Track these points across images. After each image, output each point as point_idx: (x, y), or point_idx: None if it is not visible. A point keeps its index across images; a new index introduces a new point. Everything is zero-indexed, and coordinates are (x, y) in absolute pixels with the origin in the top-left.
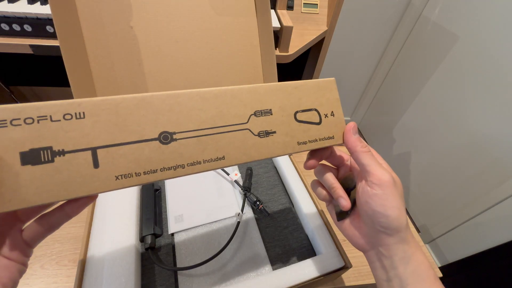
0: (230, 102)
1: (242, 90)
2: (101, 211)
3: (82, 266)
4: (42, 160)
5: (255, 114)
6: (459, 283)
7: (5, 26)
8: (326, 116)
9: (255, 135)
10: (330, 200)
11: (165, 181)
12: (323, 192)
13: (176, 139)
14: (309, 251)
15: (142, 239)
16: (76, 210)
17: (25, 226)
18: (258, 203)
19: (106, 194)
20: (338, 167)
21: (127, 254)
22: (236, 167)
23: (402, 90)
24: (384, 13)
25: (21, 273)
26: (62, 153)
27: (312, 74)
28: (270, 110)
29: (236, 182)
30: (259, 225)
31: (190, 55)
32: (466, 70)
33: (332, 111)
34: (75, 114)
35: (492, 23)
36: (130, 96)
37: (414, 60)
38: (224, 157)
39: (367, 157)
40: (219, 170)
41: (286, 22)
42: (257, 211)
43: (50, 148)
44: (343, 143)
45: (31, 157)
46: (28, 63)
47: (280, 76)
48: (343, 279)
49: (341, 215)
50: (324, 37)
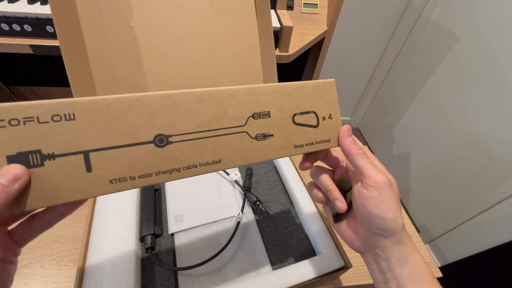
0: (228, 104)
1: (240, 91)
2: (101, 211)
3: (82, 266)
4: (31, 164)
5: (253, 116)
6: (459, 283)
7: (5, 26)
8: (323, 119)
9: (253, 138)
10: (327, 202)
11: None
12: (319, 194)
13: (171, 142)
14: (309, 251)
15: (142, 239)
16: (70, 210)
17: (15, 226)
18: (258, 203)
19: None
20: (334, 169)
21: (127, 254)
22: (236, 167)
23: (402, 90)
24: (384, 13)
25: (14, 272)
26: (52, 156)
27: (312, 74)
28: (269, 112)
29: (236, 182)
30: (259, 225)
31: (190, 55)
32: (466, 70)
33: (330, 114)
34: (65, 115)
35: (492, 23)
36: (123, 96)
37: (414, 60)
38: (220, 160)
39: (362, 159)
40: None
41: (286, 22)
42: (257, 211)
43: (39, 151)
44: (339, 146)
45: (19, 161)
46: (28, 63)
47: (280, 76)
48: (343, 279)
49: (337, 217)
50: (324, 37)
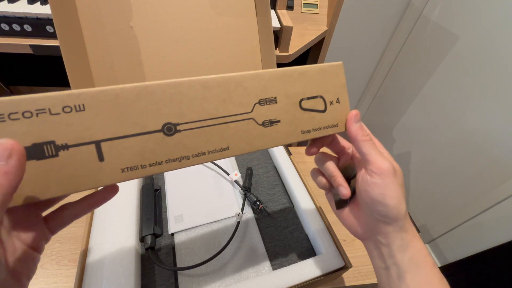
0: (233, 90)
1: (246, 77)
2: (101, 211)
3: (82, 266)
4: (47, 154)
5: (260, 102)
6: (459, 283)
7: (5, 26)
8: (331, 103)
9: (260, 125)
10: (330, 188)
11: (165, 181)
12: (323, 180)
13: (179, 130)
14: (309, 251)
15: (142, 239)
16: (99, 202)
17: (48, 213)
18: (258, 203)
19: None
20: (339, 155)
21: (127, 254)
22: (236, 167)
23: (402, 90)
24: (384, 13)
25: (38, 262)
26: (65, 147)
27: None
28: (275, 98)
29: (236, 182)
30: (259, 225)
31: (190, 55)
32: (466, 70)
33: (337, 98)
34: (75, 106)
35: (492, 23)
36: (130, 86)
37: (414, 60)
38: (228, 147)
39: (368, 145)
40: (219, 170)
41: (286, 22)
42: (257, 211)
43: (53, 142)
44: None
45: (35, 152)
46: (28, 63)
47: None
48: (343, 279)
49: (340, 204)
50: (324, 37)
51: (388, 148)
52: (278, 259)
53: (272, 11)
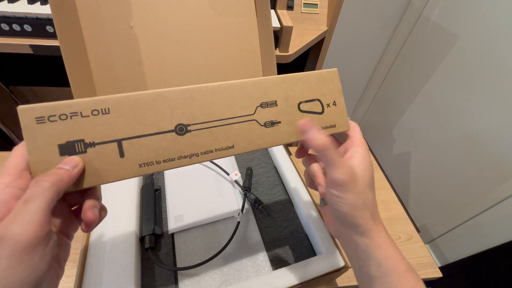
0: (237, 95)
1: (248, 83)
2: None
3: (82, 266)
4: (77, 151)
5: (261, 105)
6: (459, 283)
7: (5, 26)
8: (328, 105)
9: (261, 125)
10: (316, 188)
11: (165, 181)
12: (309, 179)
13: (190, 131)
14: (309, 251)
15: (142, 239)
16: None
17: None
18: (258, 203)
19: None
20: None
21: (127, 254)
22: (236, 167)
23: (402, 90)
24: (384, 13)
25: (69, 248)
26: (93, 144)
27: None
28: (275, 101)
29: (236, 182)
30: (259, 225)
31: (190, 55)
32: (466, 70)
33: (334, 101)
34: (101, 110)
35: (492, 23)
36: (148, 92)
37: (414, 60)
38: (233, 146)
39: (327, 155)
40: (219, 170)
41: (286, 22)
42: (257, 211)
43: (83, 140)
44: (342, 131)
45: (68, 148)
46: (28, 63)
47: None
48: (343, 279)
49: (323, 201)
50: (324, 37)
51: (388, 148)
52: (278, 259)
53: (272, 11)
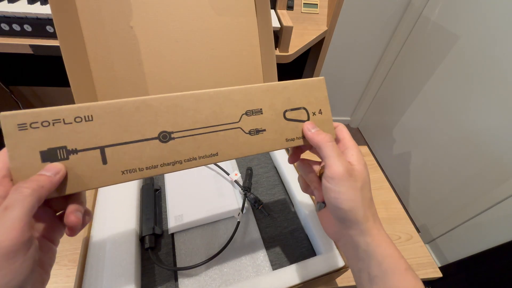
0: (223, 103)
1: (234, 91)
2: (101, 211)
3: (82, 266)
4: (59, 157)
5: (247, 113)
6: (459, 283)
7: (5, 26)
8: (314, 114)
9: (246, 133)
10: (311, 193)
11: (165, 181)
12: (304, 184)
13: (174, 138)
14: (309, 251)
15: (142, 239)
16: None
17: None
18: (258, 203)
19: (106, 194)
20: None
21: (127, 254)
22: (236, 167)
23: (402, 90)
24: (384, 13)
25: (55, 253)
26: (75, 151)
27: (312, 74)
28: (261, 109)
29: (236, 182)
30: (259, 225)
31: (190, 55)
32: (466, 70)
33: (320, 109)
34: (84, 117)
35: (492, 23)
36: (132, 99)
37: (414, 60)
38: (217, 153)
39: (327, 148)
40: (219, 170)
41: (286, 22)
42: (257, 211)
43: (65, 147)
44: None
45: (50, 155)
46: (28, 63)
47: (280, 76)
48: (343, 279)
49: (319, 206)
50: (324, 37)
51: (388, 148)
52: (278, 259)
53: (272, 11)
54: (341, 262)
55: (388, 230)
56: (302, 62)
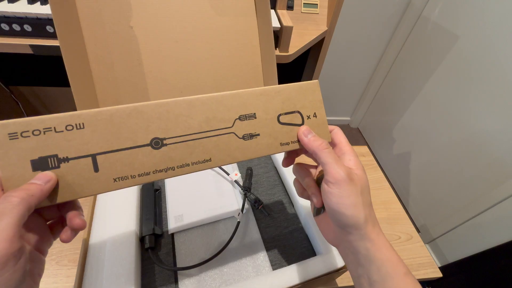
0: (215, 108)
1: (227, 96)
2: (101, 211)
3: (82, 266)
4: (50, 166)
5: (240, 118)
6: (459, 283)
7: (5, 26)
8: (308, 117)
9: (240, 138)
10: (308, 197)
11: (165, 181)
12: (301, 189)
13: (166, 144)
14: (309, 251)
15: (142, 239)
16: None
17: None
18: (258, 203)
19: (106, 194)
20: (318, 163)
21: (127, 254)
22: (236, 167)
23: (402, 90)
24: (384, 13)
25: (44, 264)
26: (66, 159)
27: (312, 74)
28: (254, 114)
29: (236, 182)
30: (259, 225)
31: (190, 55)
32: (466, 70)
33: (314, 113)
34: (76, 125)
35: (492, 23)
36: (123, 106)
37: (414, 60)
38: (210, 159)
39: (325, 155)
40: (219, 170)
41: (286, 22)
42: (257, 211)
43: (56, 155)
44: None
45: (40, 164)
46: (28, 63)
47: (280, 76)
48: (343, 279)
49: (317, 211)
50: (324, 37)
51: (388, 148)
52: (278, 259)
53: (272, 11)
54: (341, 262)
55: (388, 230)
56: (302, 62)
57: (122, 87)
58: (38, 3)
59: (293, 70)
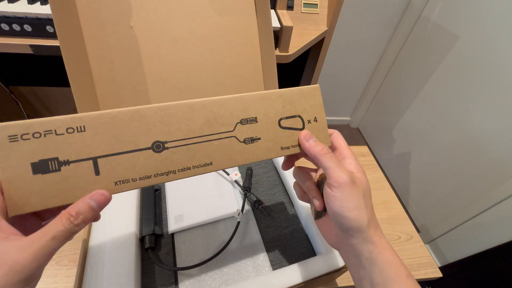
0: (217, 112)
1: (229, 100)
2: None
3: (82, 266)
4: (51, 169)
5: (241, 122)
6: (459, 283)
7: (5, 26)
8: (309, 122)
9: (241, 142)
10: (309, 200)
11: None
12: (301, 192)
13: (167, 148)
14: (309, 251)
15: (142, 239)
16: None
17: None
18: (258, 203)
19: None
20: (318, 167)
21: (127, 254)
22: (236, 167)
23: (402, 90)
24: (384, 13)
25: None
26: (67, 163)
27: (312, 74)
28: (255, 118)
29: (236, 182)
30: (259, 225)
31: (190, 55)
32: (466, 70)
33: (315, 117)
34: (77, 127)
35: (492, 23)
36: (125, 109)
37: (414, 60)
38: (211, 163)
39: (326, 159)
40: (219, 170)
41: (286, 22)
42: (257, 211)
43: (57, 158)
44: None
45: (41, 167)
46: (28, 63)
47: (280, 76)
48: (343, 279)
49: (317, 214)
50: (324, 37)
51: (388, 148)
52: (278, 259)
53: (272, 11)
54: (341, 262)
55: (388, 230)
56: (302, 62)
57: (122, 87)
58: (38, 3)
59: (293, 70)
